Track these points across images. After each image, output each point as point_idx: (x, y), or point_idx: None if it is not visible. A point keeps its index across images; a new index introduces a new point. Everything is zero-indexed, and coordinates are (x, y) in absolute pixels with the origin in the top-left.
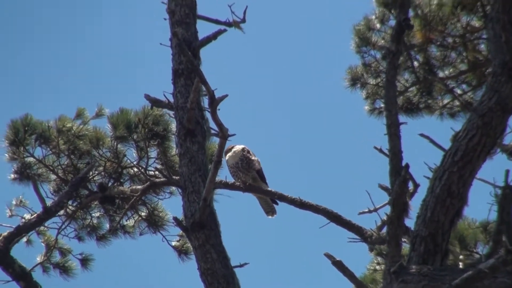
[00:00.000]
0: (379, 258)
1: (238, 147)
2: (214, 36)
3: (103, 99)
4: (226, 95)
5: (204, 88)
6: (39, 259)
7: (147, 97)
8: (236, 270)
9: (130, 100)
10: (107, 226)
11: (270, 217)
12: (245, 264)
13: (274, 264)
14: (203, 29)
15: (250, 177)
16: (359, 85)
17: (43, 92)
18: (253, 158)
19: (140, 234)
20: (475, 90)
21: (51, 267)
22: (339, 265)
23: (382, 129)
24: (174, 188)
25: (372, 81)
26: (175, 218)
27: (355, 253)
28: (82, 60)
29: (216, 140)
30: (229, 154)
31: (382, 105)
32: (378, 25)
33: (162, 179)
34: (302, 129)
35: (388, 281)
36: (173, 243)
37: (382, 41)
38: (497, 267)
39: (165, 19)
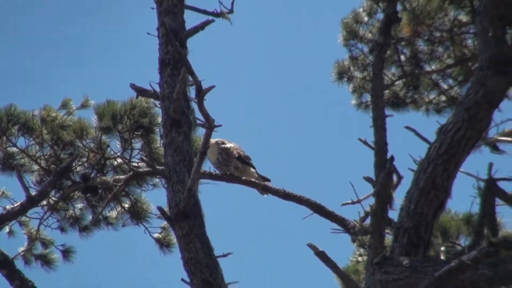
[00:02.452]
0: (361, 250)
1: (211, 142)
2: (202, 26)
3: (90, 89)
4: (213, 86)
5: (190, 79)
6: (21, 250)
7: (133, 86)
8: (219, 260)
9: (116, 90)
10: (89, 217)
11: (265, 196)
12: (229, 254)
13: (257, 254)
14: (191, 19)
15: (233, 167)
16: (346, 79)
17: (28, 84)
18: (228, 145)
19: (123, 226)
20: (461, 85)
21: (33, 259)
22: (322, 256)
23: (369, 122)
24: (157, 180)
25: (359, 74)
26: (159, 208)
27: (338, 244)
28: (69, 50)
29: (202, 131)
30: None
31: (369, 99)
32: (365, 18)
33: (146, 169)
34: (289, 121)
35: (371, 272)
36: (155, 235)
37: (370, 35)
38: (479, 259)
39: (152, 8)
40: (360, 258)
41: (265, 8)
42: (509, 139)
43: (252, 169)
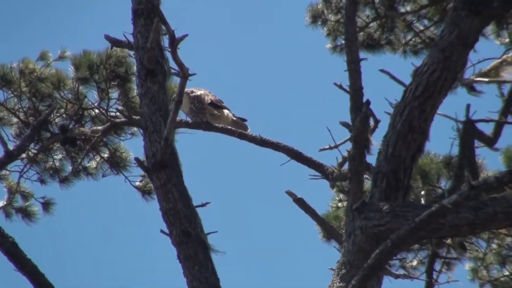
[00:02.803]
0: (341, 195)
1: None
2: None
3: (66, 41)
4: (186, 35)
5: (164, 28)
6: (1, 204)
7: (107, 37)
8: (198, 209)
9: (92, 42)
10: (69, 168)
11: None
12: (207, 203)
13: (235, 202)
14: None
15: (208, 114)
16: (320, 22)
17: (4, 36)
18: (199, 93)
19: (103, 176)
20: (437, 25)
21: (13, 212)
22: (301, 203)
23: (344, 66)
24: (135, 129)
25: (333, 17)
26: (136, 159)
27: (316, 190)
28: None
29: (177, 80)
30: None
31: (344, 42)
32: None
33: (123, 119)
34: (264, 67)
35: (351, 218)
36: (136, 184)
37: None
38: (460, 203)
39: None
40: (340, 204)
41: None
42: (485, 79)
43: (227, 111)
